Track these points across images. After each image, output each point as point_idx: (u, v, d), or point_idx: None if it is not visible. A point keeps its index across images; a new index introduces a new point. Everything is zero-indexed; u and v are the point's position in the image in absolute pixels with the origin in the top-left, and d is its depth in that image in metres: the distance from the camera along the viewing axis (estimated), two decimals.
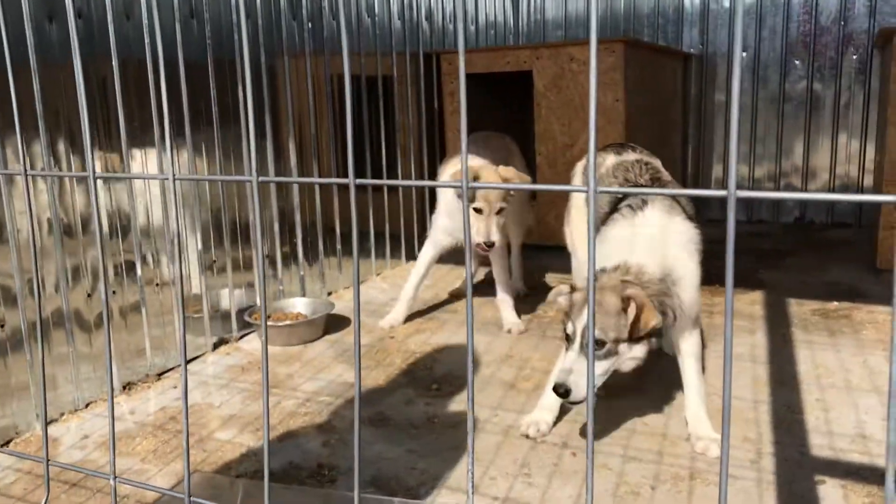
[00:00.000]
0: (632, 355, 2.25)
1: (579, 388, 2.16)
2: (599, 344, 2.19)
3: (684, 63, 5.57)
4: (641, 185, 2.65)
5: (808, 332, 3.29)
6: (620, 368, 2.28)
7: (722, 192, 0.74)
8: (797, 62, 5.24)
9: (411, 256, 4.84)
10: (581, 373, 2.16)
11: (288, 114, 3.76)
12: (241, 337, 3.46)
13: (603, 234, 2.50)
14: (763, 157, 5.51)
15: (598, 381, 2.25)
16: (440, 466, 2.27)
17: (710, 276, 2.63)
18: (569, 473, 2.22)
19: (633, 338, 2.19)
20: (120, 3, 2.85)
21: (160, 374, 3.04)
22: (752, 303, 3.74)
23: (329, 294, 4.11)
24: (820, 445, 2.33)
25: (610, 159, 2.90)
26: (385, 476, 2.23)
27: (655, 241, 2.39)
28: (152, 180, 3.01)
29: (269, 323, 3.37)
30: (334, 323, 3.61)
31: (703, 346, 2.94)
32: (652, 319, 2.18)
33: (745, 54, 5.41)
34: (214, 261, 3.37)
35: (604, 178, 2.80)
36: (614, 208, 2.55)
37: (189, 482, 1.11)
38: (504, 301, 3.59)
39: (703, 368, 2.65)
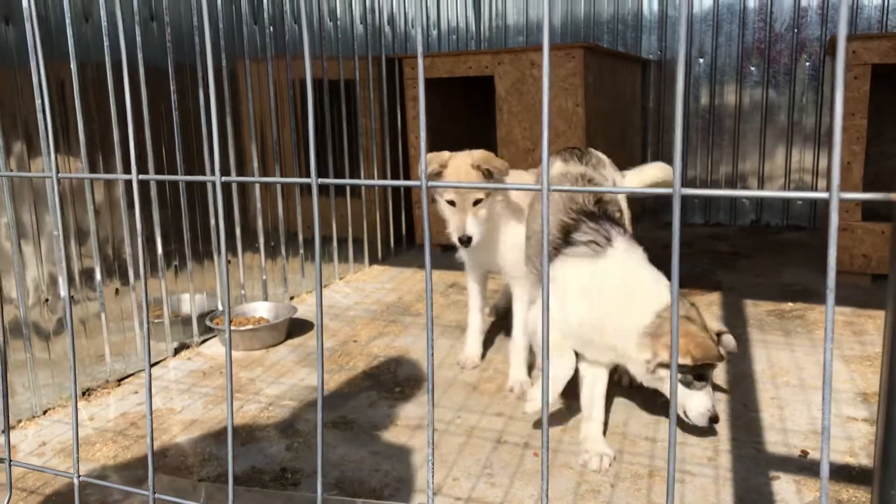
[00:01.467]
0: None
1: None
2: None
3: (643, 68, 5.66)
4: (585, 209, 2.52)
5: (763, 332, 3.37)
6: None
7: (668, 190, 0.77)
8: (753, 68, 5.35)
9: (374, 260, 4.85)
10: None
11: (250, 118, 3.75)
12: (203, 342, 3.44)
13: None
14: (720, 162, 5.61)
15: None
16: (404, 468, 2.29)
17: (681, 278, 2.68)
18: (531, 473, 2.25)
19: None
20: (78, 5, 2.82)
21: (120, 380, 3.01)
22: (709, 304, 3.81)
23: (292, 298, 4.10)
24: (775, 442, 2.39)
25: (557, 166, 2.82)
26: (349, 478, 2.23)
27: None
28: (116, 181, 2.99)
29: (232, 328, 3.35)
30: (297, 327, 3.60)
31: None
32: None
33: (702, 61, 5.51)
34: (176, 265, 3.34)
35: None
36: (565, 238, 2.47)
37: (154, 479, 1.12)
38: (516, 350, 2.92)
39: None
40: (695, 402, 2.31)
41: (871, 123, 3.96)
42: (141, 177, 0.94)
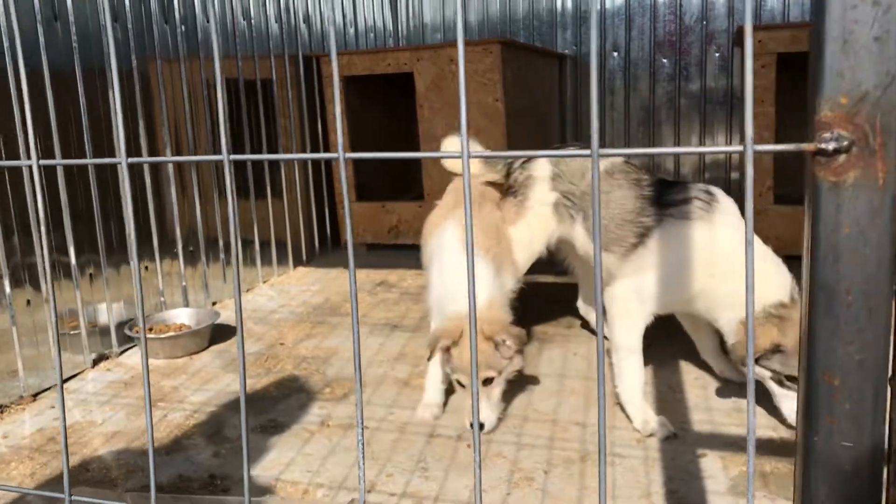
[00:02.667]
0: None
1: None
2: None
3: (559, 64, 5.74)
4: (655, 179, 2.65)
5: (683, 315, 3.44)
6: None
7: (586, 152, 0.78)
8: (665, 61, 5.48)
9: (299, 262, 4.78)
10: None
11: (163, 120, 3.65)
12: (123, 352, 3.32)
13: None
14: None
15: None
16: (337, 468, 2.25)
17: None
18: (465, 465, 2.24)
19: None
20: None
21: (35, 395, 2.88)
22: None
23: (214, 304, 4.00)
24: (700, 421, 2.45)
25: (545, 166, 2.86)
26: (282, 481, 2.19)
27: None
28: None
29: (151, 335, 3.26)
30: (221, 333, 3.52)
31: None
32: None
33: (616, 54, 5.62)
34: (91, 274, 3.22)
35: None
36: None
37: (68, 479, 1.06)
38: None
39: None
40: (790, 404, 2.30)
41: (778, 112, 4.10)
42: (44, 162, 0.89)
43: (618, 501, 2.02)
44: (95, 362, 3.19)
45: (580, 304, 3.27)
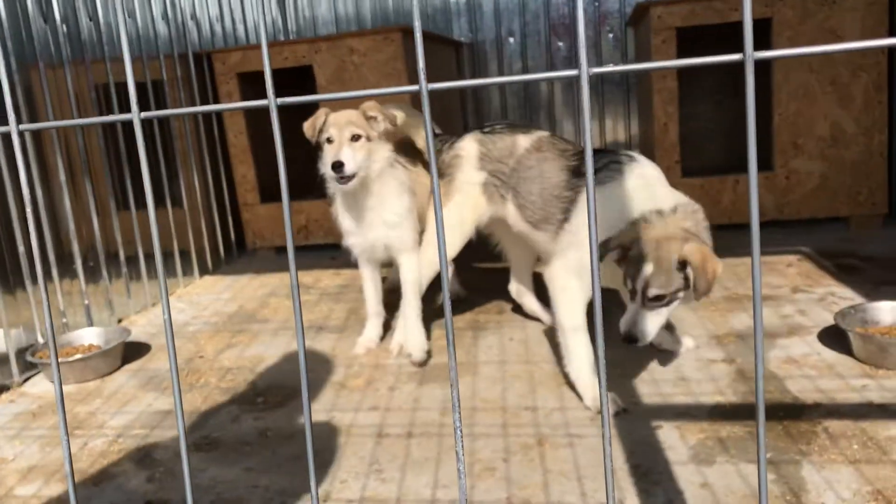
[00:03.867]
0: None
1: (645, 335, 2.22)
2: (660, 298, 2.17)
3: (456, 51, 5.69)
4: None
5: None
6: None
7: (574, 72, 0.71)
8: (560, 44, 5.52)
9: (205, 271, 4.55)
10: (645, 322, 2.22)
11: (52, 132, 3.37)
12: (26, 380, 3.05)
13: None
14: None
15: (656, 329, 2.24)
16: (284, 480, 2.11)
17: None
18: (420, 462, 2.15)
19: (703, 291, 2.14)
20: None
21: None
22: None
23: (120, 321, 3.74)
24: (649, 394, 2.44)
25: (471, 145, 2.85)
26: (226, 499, 2.03)
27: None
28: None
29: (59, 359, 2.99)
30: (132, 351, 3.28)
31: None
32: (718, 268, 2.14)
33: (511, 40, 5.62)
34: None
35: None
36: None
37: None
38: (405, 317, 2.97)
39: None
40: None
41: (679, 86, 4.17)
42: None
43: (584, 482, 1.97)
44: None
45: (512, 286, 3.21)
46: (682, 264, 2.14)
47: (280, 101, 0.93)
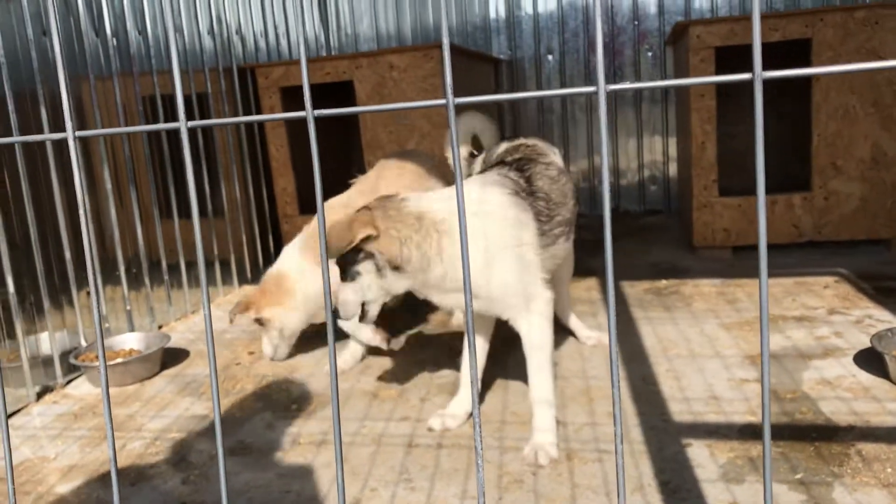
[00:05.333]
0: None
1: (345, 309, 2.24)
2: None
3: (495, 67, 5.74)
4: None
5: (645, 310, 3.45)
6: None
7: (592, 89, 0.73)
8: None
9: (244, 281, 4.63)
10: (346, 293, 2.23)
11: (99, 141, 3.48)
12: (68, 382, 3.14)
13: None
14: (576, 157, 5.77)
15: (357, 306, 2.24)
16: (316, 485, 2.15)
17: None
18: (449, 472, 2.17)
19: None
20: None
21: None
22: (588, 289, 3.88)
23: (160, 328, 3.83)
24: (679, 412, 2.43)
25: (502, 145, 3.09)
26: (259, 503, 2.08)
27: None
28: None
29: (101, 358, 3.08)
30: (171, 357, 3.36)
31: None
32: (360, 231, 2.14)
33: (550, 57, 5.65)
34: (31, 303, 3.03)
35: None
36: None
37: None
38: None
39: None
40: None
41: (717, 105, 4.16)
42: None
43: (612, 497, 1.97)
44: (40, 395, 3.00)
45: None
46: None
47: (317, 112, 0.97)
